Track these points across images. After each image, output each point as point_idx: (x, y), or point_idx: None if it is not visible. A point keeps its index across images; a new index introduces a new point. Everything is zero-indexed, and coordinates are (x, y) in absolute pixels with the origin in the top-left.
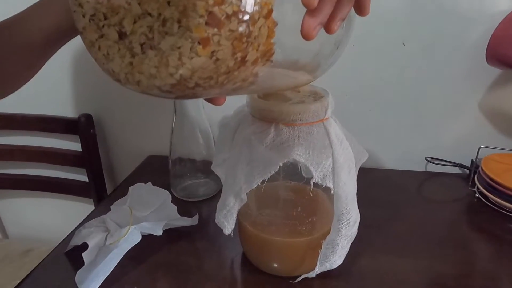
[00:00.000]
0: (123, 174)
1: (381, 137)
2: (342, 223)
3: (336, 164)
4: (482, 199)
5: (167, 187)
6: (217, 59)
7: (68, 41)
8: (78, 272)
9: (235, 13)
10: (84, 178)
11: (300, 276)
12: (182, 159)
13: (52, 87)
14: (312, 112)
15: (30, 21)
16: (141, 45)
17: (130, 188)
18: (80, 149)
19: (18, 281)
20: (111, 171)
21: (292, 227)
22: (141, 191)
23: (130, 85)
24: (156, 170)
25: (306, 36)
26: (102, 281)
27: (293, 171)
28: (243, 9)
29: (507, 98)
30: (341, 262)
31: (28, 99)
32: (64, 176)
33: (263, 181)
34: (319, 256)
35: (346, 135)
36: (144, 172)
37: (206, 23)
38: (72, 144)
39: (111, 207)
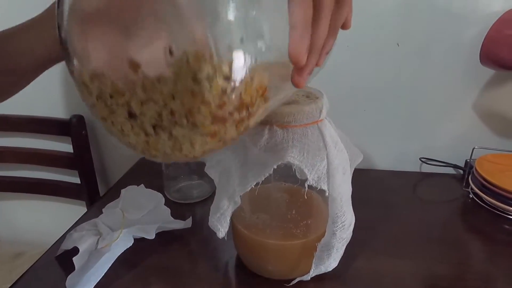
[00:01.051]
0: (116, 176)
1: (375, 137)
2: (337, 226)
3: (331, 166)
4: (476, 199)
5: (160, 189)
6: (225, 140)
7: (56, 63)
8: (69, 277)
9: (237, 107)
10: (76, 180)
11: (295, 279)
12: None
13: (43, 88)
14: (307, 113)
15: (18, 47)
16: (153, 126)
17: (123, 191)
18: (72, 151)
19: (9, 285)
20: (103, 173)
21: (287, 229)
22: (133, 193)
23: (147, 157)
24: (149, 171)
25: (298, 86)
26: (93, 286)
27: (287, 173)
28: (242, 102)
29: (501, 98)
30: (336, 265)
31: (19, 100)
32: (56, 178)
33: (257, 184)
34: (314, 259)
35: (340, 136)
36: (137, 173)
37: (213, 122)
38: (63, 146)
39: (103, 210)
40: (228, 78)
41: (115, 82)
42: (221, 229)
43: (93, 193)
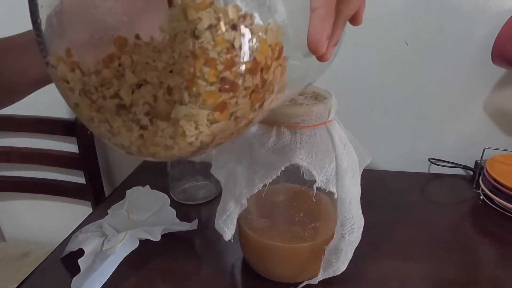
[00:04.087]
0: (121, 176)
1: (383, 138)
2: (346, 229)
3: (340, 168)
4: (487, 201)
5: (166, 190)
6: (237, 117)
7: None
8: (74, 279)
9: (249, 70)
10: (81, 180)
11: (302, 282)
12: (181, 161)
13: (48, 88)
14: (315, 114)
15: (14, 65)
16: (147, 114)
17: (128, 192)
18: (77, 151)
19: (15, 285)
20: (109, 173)
21: (294, 232)
22: (139, 194)
23: (145, 157)
24: (154, 172)
25: (323, 60)
26: None
27: (295, 175)
28: (256, 62)
29: None
30: (344, 269)
31: (24, 100)
32: (62, 178)
33: (264, 185)
34: (322, 262)
35: (349, 137)
36: (142, 174)
37: (220, 89)
38: (69, 146)
39: (108, 211)
40: (235, 27)
41: (100, 69)
42: (228, 232)
43: (99, 194)
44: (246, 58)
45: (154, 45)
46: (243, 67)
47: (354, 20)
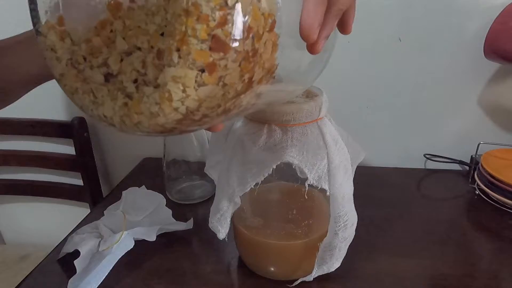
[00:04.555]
0: (119, 177)
1: (379, 134)
2: (339, 226)
3: (332, 165)
4: (482, 196)
5: (162, 190)
6: (225, 84)
7: (47, 81)
8: (70, 280)
9: (240, 31)
10: (79, 182)
11: (297, 280)
12: (176, 161)
13: (44, 91)
14: (306, 112)
15: (8, 66)
16: (134, 81)
17: (124, 193)
18: (74, 153)
19: None
20: (106, 174)
21: (288, 230)
22: (135, 195)
23: (128, 128)
24: (151, 172)
25: (313, 52)
26: None
27: (287, 173)
28: (248, 26)
29: (506, 92)
30: (339, 265)
31: (20, 103)
32: (59, 180)
33: (256, 184)
34: (316, 259)
35: (342, 134)
36: (139, 175)
37: (210, 48)
38: (66, 148)
39: (105, 212)
40: None
41: (90, 37)
42: (222, 230)
43: (96, 195)
44: (239, 18)
45: (147, 7)
46: (235, 27)
47: (344, 26)
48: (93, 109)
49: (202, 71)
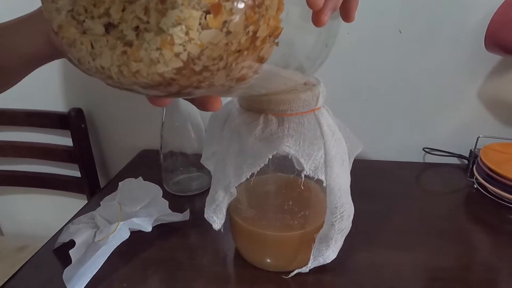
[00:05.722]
0: (116, 169)
1: (377, 127)
2: (336, 217)
3: (328, 155)
4: (481, 189)
5: (159, 181)
6: (229, 32)
7: (47, 63)
8: (65, 270)
9: None
10: (76, 173)
11: (293, 271)
12: (173, 153)
13: (41, 82)
14: (303, 101)
15: (7, 45)
16: (135, 29)
17: (120, 184)
18: (72, 144)
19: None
20: (104, 166)
21: (284, 221)
22: (131, 186)
23: (125, 79)
24: (149, 164)
25: (318, 23)
26: (90, 279)
27: (284, 163)
28: None
29: (507, 86)
30: (335, 257)
31: (17, 94)
32: (57, 171)
33: (252, 174)
34: (312, 251)
35: (339, 125)
36: (137, 166)
37: None
38: (63, 139)
39: (101, 202)
40: None
41: None
42: (217, 221)
43: (94, 186)
44: None
45: None
46: None
47: (347, 14)
48: (90, 61)
49: (207, 13)
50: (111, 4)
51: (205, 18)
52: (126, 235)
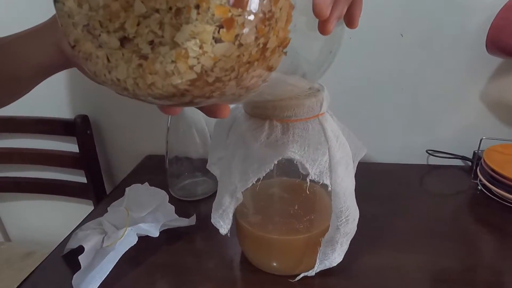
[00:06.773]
0: (122, 174)
1: (380, 130)
2: (341, 220)
3: (333, 160)
4: (485, 191)
5: (165, 187)
6: (241, 45)
7: (58, 72)
8: (75, 275)
9: None
10: (82, 179)
11: (299, 274)
12: (179, 158)
13: (47, 89)
14: (307, 107)
15: (19, 55)
16: (150, 43)
17: (127, 189)
18: (78, 151)
19: None
20: (109, 172)
21: (290, 225)
22: (137, 191)
23: (141, 90)
24: (154, 169)
25: (325, 31)
26: (99, 284)
27: (289, 168)
28: None
29: (509, 87)
30: (340, 260)
31: (24, 101)
32: (63, 177)
33: (258, 179)
34: (318, 254)
35: (343, 129)
36: (142, 171)
37: (229, 3)
38: (69, 146)
39: (108, 208)
40: None
41: (109, 3)
42: (224, 226)
43: (100, 192)
44: None
45: None
46: None
47: (351, 20)
48: (106, 74)
49: (220, 27)
50: (126, 18)
51: (218, 32)
52: (134, 240)
